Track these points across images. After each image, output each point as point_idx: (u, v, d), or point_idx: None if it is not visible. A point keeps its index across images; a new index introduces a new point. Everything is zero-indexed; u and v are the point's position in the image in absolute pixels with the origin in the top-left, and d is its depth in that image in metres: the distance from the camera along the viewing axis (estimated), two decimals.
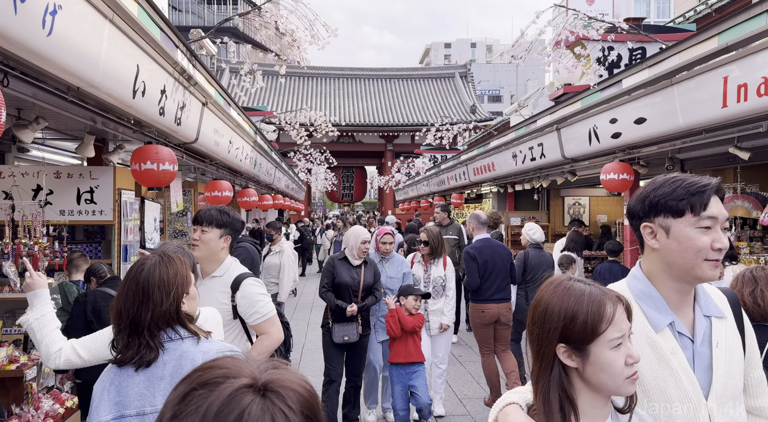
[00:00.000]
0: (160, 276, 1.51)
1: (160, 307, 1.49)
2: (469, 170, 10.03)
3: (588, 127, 5.46)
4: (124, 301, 1.51)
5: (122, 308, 1.50)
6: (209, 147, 5.04)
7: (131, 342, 1.49)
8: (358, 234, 4.01)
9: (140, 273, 1.52)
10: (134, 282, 1.51)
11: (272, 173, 10.00)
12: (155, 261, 1.55)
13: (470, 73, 28.96)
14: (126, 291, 1.51)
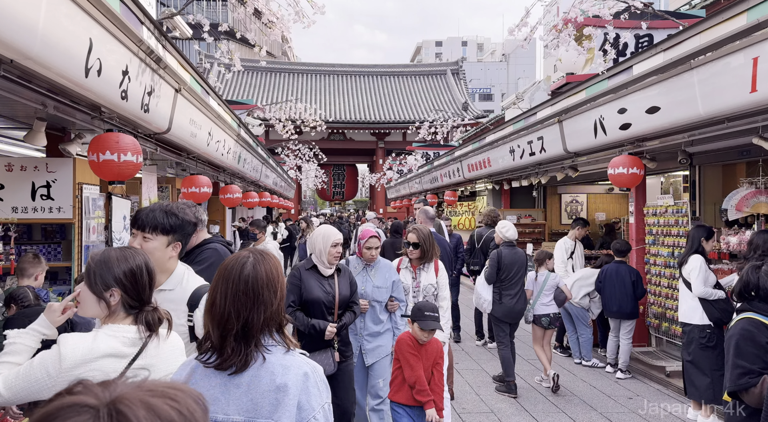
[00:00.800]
0: (267, 274, 1.44)
1: (270, 308, 1.42)
2: (463, 167, 9.67)
3: (593, 118, 5.11)
4: (233, 303, 1.39)
5: (231, 310, 1.39)
6: (184, 138, 4.63)
7: (237, 348, 1.38)
8: (326, 236, 3.14)
9: (245, 271, 1.42)
10: (242, 282, 1.40)
11: (259, 169, 9.57)
12: (256, 259, 1.45)
13: (462, 70, 28.63)
14: (234, 292, 1.40)
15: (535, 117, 6.32)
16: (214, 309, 1.41)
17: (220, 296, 1.42)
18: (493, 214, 6.75)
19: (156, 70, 3.62)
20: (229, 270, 1.45)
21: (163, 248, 1.98)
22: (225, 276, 1.44)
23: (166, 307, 1.94)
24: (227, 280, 1.43)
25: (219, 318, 1.40)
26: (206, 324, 1.44)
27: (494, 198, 10.00)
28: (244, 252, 1.48)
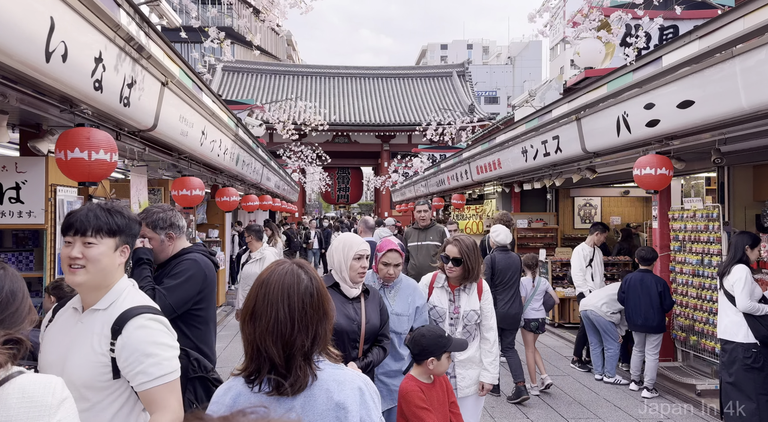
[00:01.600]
0: (321, 285, 1.36)
1: (331, 322, 1.36)
2: (471, 169, 9.29)
3: (616, 114, 4.72)
4: (301, 319, 1.29)
5: (299, 327, 1.28)
6: (173, 137, 4.28)
7: (305, 368, 1.28)
8: (347, 246, 2.48)
9: (303, 284, 1.32)
10: (307, 295, 1.31)
11: (260, 172, 9.23)
12: (308, 270, 1.37)
13: (468, 72, 28.28)
14: (299, 306, 1.29)
15: (550, 115, 5.93)
16: (278, 328, 1.28)
17: (282, 312, 1.29)
18: (505, 218, 6.36)
19: (137, 59, 3.27)
20: (287, 285, 1.32)
21: (110, 252, 1.61)
22: (281, 290, 1.31)
23: (91, 332, 1.57)
24: (287, 294, 1.31)
25: (287, 339, 1.28)
26: (261, 348, 1.29)
27: (504, 201, 9.61)
28: (287, 264, 1.37)
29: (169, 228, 2.52)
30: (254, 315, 1.30)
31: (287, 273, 1.34)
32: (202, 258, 2.50)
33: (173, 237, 2.54)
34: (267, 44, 49.70)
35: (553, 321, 7.61)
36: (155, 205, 2.69)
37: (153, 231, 2.51)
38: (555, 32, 54.00)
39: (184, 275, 2.40)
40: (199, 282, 2.44)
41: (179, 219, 2.61)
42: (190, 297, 2.41)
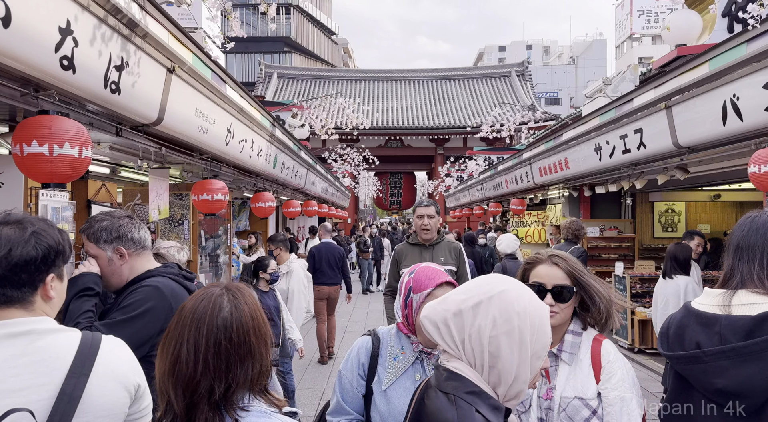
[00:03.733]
0: (253, 316, 1.11)
1: (260, 363, 1.09)
2: (533, 170, 8.37)
3: (722, 98, 3.78)
4: (212, 358, 1.04)
5: (207, 370, 1.03)
6: (188, 134, 3.75)
7: (213, 418, 1.02)
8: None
9: (222, 315, 1.07)
10: (222, 328, 1.06)
11: (303, 176, 8.72)
12: (235, 297, 1.11)
13: (528, 71, 27.01)
14: (211, 343, 1.04)
15: (630, 105, 5.01)
16: (179, 368, 1.04)
17: (188, 351, 1.05)
18: (575, 226, 5.50)
19: (129, 37, 2.73)
20: (199, 313, 1.08)
21: None
22: (194, 323, 1.07)
23: None
24: (198, 328, 1.06)
25: (188, 381, 1.04)
26: (163, 390, 1.07)
27: (571, 206, 8.61)
28: (212, 289, 1.13)
29: (116, 241, 1.88)
30: (162, 349, 1.09)
31: (204, 299, 1.11)
32: (167, 284, 1.84)
33: (125, 255, 1.90)
34: (323, 52, 50.17)
35: (632, 345, 6.58)
36: (104, 212, 2.07)
37: (96, 245, 1.89)
38: (621, 29, 51.13)
39: (137, 308, 1.76)
40: (159, 318, 1.79)
41: (134, 229, 1.96)
42: (144, 338, 1.77)
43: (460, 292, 1.12)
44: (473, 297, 1.07)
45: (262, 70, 27.89)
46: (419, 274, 1.70)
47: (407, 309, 1.69)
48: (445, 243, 3.83)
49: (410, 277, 1.70)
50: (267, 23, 6.70)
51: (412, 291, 1.68)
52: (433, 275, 1.68)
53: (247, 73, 40.28)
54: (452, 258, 3.75)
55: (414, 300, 1.67)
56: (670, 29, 4.54)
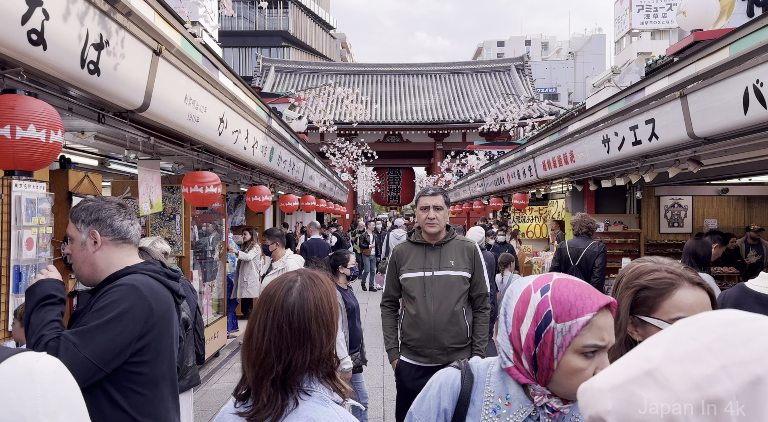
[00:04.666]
0: (317, 304, 1.15)
1: (320, 350, 1.14)
2: (536, 164, 8.16)
3: (742, 85, 3.57)
4: (275, 340, 1.12)
5: (271, 348, 1.12)
6: (177, 122, 3.53)
7: (275, 396, 1.11)
8: None
9: (290, 299, 1.15)
10: (286, 313, 1.13)
11: (301, 170, 8.51)
12: (305, 283, 1.18)
13: (527, 66, 26.77)
14: (274, 324, 1.13)
15: (642, 94, 4.80)
16: (251, 344, 1.15)
17: (258, 329, 1.16)
18: (587, 220, 5.34)
19: (109, 13, 2.51)
20: (270, 296, 1.18)
21: None
22: (266, 305, 1.18)
23: None
24: (267, 310, 1.16)
25: (255, 357, 1.14)
26: (243, 362, 1.18)
27: (574, 201, 8.41)
28: (292, 275, 1.22)
29: (93, 223, 1.66)
30: (247, 340, 1.18)
31: (279, 283, 1.19)
32: (146, 283, 1.61)
33: (99, 241, 1.67)
34: (321, 47, 49.85)
35: None
36: (99, 197, 1.88)
37: (74, 225, 1.68)
38: (620, 24, 51.05)
39: (111, 310, 1.53)
40: (138, 322, 1.57)
41: (118, 217, 1.72)
42: (123, 344, 1.54)
43: (685, 354, 0.55)
44: (733, 365, 0.53)
45: (260, 63, 27.60)
46: (563, 292, 1.08)
47: (542, 347, 1.07)
48: (456, 243, 3.06)
49: (546, 296, 1.09)
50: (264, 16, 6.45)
51: (553, 317, 1.07)
52: (586, 293, 1.08)
53: (245, 68, 39.96)
54: (465, 262, 3.02)
55: (557, 333, 1.06)
56: (686, 13, 4.33)
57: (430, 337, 2.92)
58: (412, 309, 3.01)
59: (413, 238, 3.14)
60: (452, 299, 2.94)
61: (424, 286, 2.97)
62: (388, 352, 3.16)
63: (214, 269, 6.30)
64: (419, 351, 2.97)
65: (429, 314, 2.93)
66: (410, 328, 3.01)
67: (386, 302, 3.21)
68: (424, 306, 2.95)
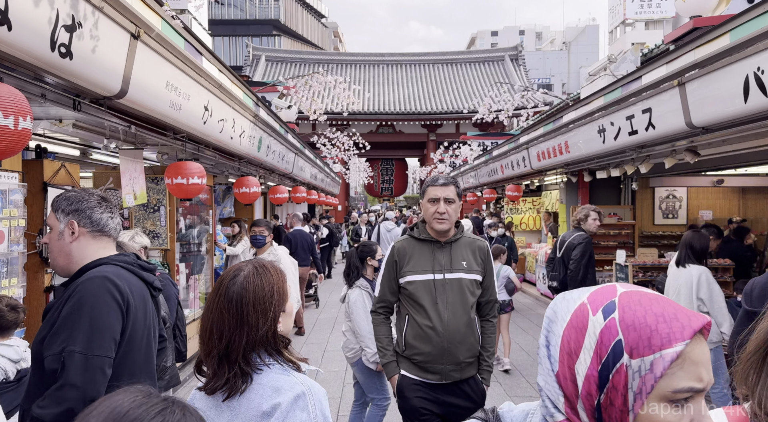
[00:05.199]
0: (256, 292, 1.30)
1: (255, 332, 1.28)
2: (531, 155, 8.06)
3: (743, 73, 3.47)
4: (217, 321, 1.30)
5: (214, 329, 1.29)
6: (159, 110, 3.39)
7: (221, 370, 1.28)
8: None
9: (233, 287, 1.30)
10: (227, 299, 1.30)
11: (291, 161, 8.36)
12: (249, 273, 1.34)
13: (522, 56, 26.59)
14: (218, 308, 1.30)
15: (639, 83, 4.70)
16: (201, 324, 1.34)
17: (206, 311, 1.34)
18: (584, 212, 5.27)
19: None
20: (218, 282, 1.36)
21: None
22: (214, 291, 1.35)
23: None
24: (215, 295, 1.33)
25: (201, 335, 1.33)
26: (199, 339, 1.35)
27: (568, 192, 8.33)
28: (243, 264, 1.36)
29: (73, 214, 1.64)
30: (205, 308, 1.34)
31: (227, 274, 1.34)
32: (116, 273, 1.56)
33: (76, 232, 1.65)
34: (313, 36, 49.36)
35: None
36: (83, 188, 1.82)
37: (54, 214, 1.66)
38: (614, 14, 50.62)
39: (81, 305, 1.49)
40: (115, 309, 1.54)
41: (98, 209, 1.70)
42: (107, 339, 1.53)
43: None
44: None
45: (250, 52, 27.26)
46: (637, 312, 0.75)
47: (610, 394, 0.74)
48: (466, 241, 2.66)
49: (612, 319, 0.75)
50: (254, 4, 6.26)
51: (626, 350, 0.73)
52: (670, 312, 0.75)
53: (235, 57, 39.50)
54: (478, 264, 2.63)
55: (633, 373, 0.72)
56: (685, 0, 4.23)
57: (444, 351, 2.48)
58: (421, 318, 2.52)
59: (417, 234, 2.65)
60: (467, 306, 2.54)
61: (435, 291, 2.53)
62: (385, 367, 2.63)
63: (201, 262, 6.17)
64: (428, 366, 2.51)
65: (443, 324, 2.48)
66: (418, 340, 2.52)
67: (380, 308, 2.71)
68: (436, 314, 2.50)
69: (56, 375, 1.44)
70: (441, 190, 2.57)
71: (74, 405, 1.41)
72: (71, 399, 1.41)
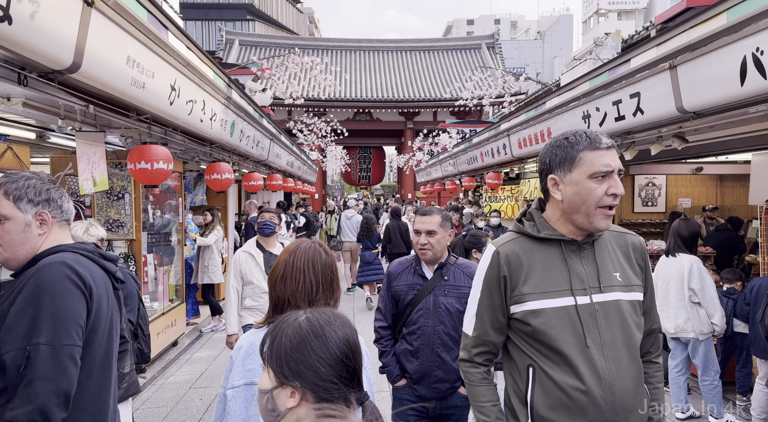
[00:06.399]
0: (334, 263, 1.66)
1: (339, 294, 1.64)
2: (511, 142, 7.93)
3: (740, 55, 3.34)
4: (322, 286, 1.58)
5: (320, 293, 1.57)
6: (118, 87, 3.08)
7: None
8: None
9: (322, 257, 1.61)
10: (327, 267, 1.61)
11: (266, 147, 8.04)
12: (325, 250, 1.65)
13: (498, 44, 26.53)
14: (321, 275, 1.59)
15: (627, 66, 4.55)
16: (305, 287, 1.60)
17: (309, 277, 1.60)
18: None
19: None
20: (310, 255, 1.64)
21: None
22: (307, 259, 1.63)
23: None
24: (313, 264, 1.62)
25: (313, 296, 1.58)
26: (287, 300, 1.56)
27: None
28: (309, 241, 1.69)
29: (43, 204, 1.53)
30: (284, 278, 1.57)
31: (311, 247, 1.64)
32: (76, 259, 1.44)
33: (47, 222, 1.54)
34: (288, 21, 48.36)
35: None
36: (24, 171, 1.59)
37: (14, 204, 1.49)
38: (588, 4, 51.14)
39: (41, 293, 1.38)
40: (78, 295, 1.44)
41: (64, 197, 1.61)
42: (73, 334, 1.43)
43: None
44: None
45: (223, 36, 26.51)
46: None
47: None
48: (610, 237, 1.69)
49: None
50: None
51: None
52: None
53: (208, 41, 38.46)
54: (636, 274, 1.67)
55: None
56: None
57: None
58: (562, 374, 1.51)
59: (534, 230, 1.64)
60: (633, 347, 1.59)
61: (581, 326, 1.53)
62: None
63: (171, 253, 5.86)
64: None
65: (602, 383, 1.50)
66: (560, 413, 1.51)
67: (479, 355, 1.68)
68: (588, 366, 1.51)
69: (20, 373, 1.33)
70: (612, 156, 1.59)
71: (47, 401, 1.30)
72: (43, 395, 1.31)
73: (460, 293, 2.62)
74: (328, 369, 0.95)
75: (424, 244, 2.63)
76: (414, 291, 2.67)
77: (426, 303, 2.63)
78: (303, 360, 0.95)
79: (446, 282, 2.65)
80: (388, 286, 2.75)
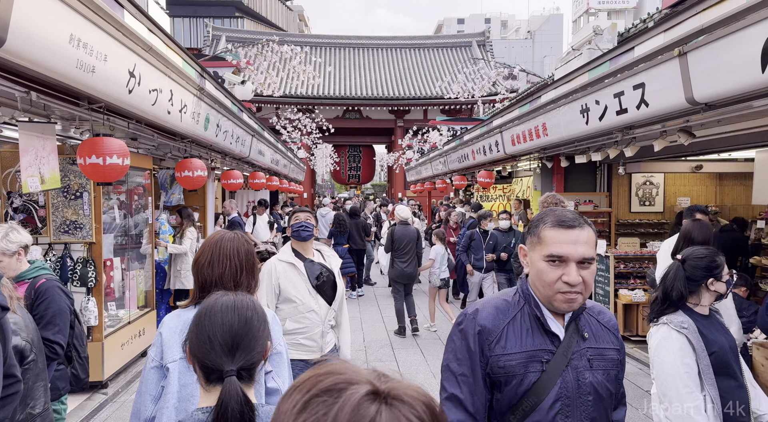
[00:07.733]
0: (253, 251, 1.87)
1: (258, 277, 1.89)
2: (504, 139, 7.59)
3: (761, 39, 3.02)
4: (246, 270, 1.82)
5: (244, 276, 1.80)
6: (59, 69, 2.69)
7: None
8: None
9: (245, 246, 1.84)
10: (250, 253, 1.84)
11: (248, 143, 7.64)
12: (246, 240, 1.88)
13: (489, 42, 26.26)
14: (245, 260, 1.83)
15: (630, 55, 4.23)
16: (231, 272, 1.83)
17: (235, 262, 1.85)
18: (552, 200, 4.80)
19: None
20: (235, 243, 1.88)
21: None
22: (232, 247, 1.86)
23: None
24: (237, 251, 1.85)
25: (238, 279, 1.82)
26: (214, 282, 1.79)
27: (543, 178, 7.92)
28: (231, 233, 1.91)
29: None
30: (212, 263, 1.77)
31: (235, 237, 1.85)
32: None
33: None
34: (277, 18, 47.75)
35: None
36: None
37: None
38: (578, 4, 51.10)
39: None
40: None
41: None
42: None
43: None
44: None
45: (209, 32, 26.01)
46: None
47: None
48: None
49: None
50: None
51: None
52: None
53: (196, 39, 37.83)
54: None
55: None
56: None
57: None
58: None
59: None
60: None
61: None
62: None
63: (140, 256, 5.45)
64: None
65: None
66: None
67: None
68: None
69: None
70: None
71: None
72: None
73: (606, 361, 1.49)
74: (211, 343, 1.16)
75: (575, 286, 1.38)
76: (538, 363, 1.43)
77: (564, 383, 1.42)
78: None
79: (586, 343, 1.48)
80: (480, 351, 1.44)
